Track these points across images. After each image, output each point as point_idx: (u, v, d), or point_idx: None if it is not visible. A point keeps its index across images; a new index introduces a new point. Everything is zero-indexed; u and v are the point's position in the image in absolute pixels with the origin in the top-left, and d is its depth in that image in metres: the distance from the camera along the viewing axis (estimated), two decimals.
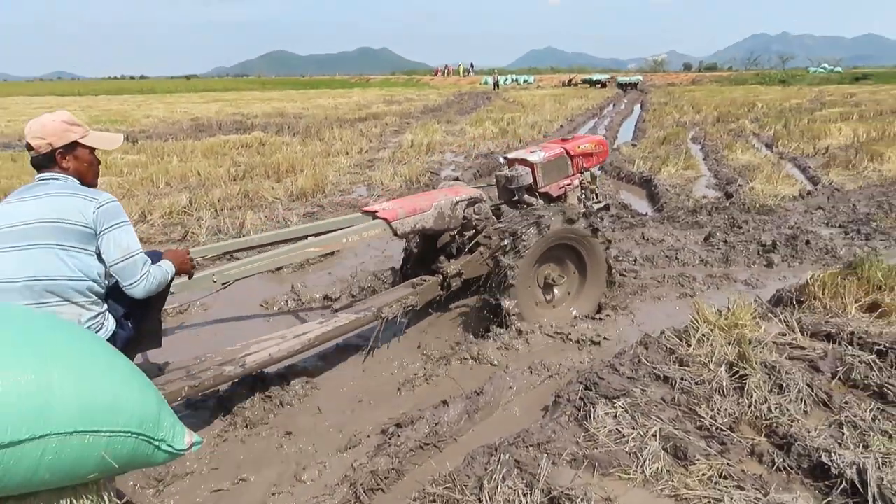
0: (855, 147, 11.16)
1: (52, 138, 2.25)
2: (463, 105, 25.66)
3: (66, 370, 1.56)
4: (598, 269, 4.06)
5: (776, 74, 51.68)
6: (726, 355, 3.24)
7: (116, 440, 1.63)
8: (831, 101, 23.24)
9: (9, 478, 1.42)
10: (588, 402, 2.90)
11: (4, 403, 1.38)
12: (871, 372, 3.17)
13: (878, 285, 4.07)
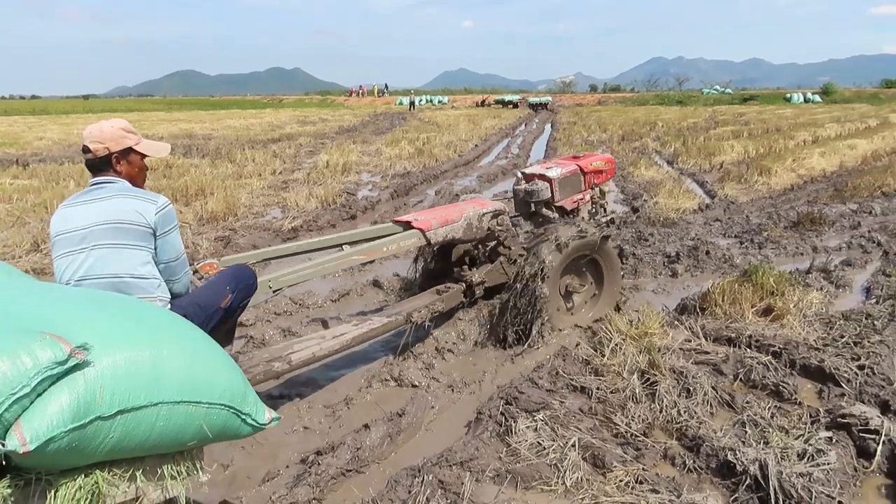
0: (746, 163, 12.03)
1: (110, 143, 2.44)
2: (378, 125, 25.68)
3: (172, 346, 1.75)
4: (615, 275, 4.29)
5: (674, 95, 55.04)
6: (638, 363, 3.38)
7: (213, 412, 1.79)
8: (724, 121, 24.97)
9: (128, 440, 1.60)
10: (509, 416, 2.93)
11: (126, 374, 1.57)
12: (768, 372, 3.39)
13: (770, 291, 4.38)
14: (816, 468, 2.50)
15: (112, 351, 1.58)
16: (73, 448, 1.49)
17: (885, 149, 14.75)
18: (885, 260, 5.75)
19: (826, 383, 3.32)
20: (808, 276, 5.05)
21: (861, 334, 3.86)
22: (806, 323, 4.11)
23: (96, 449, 1.55)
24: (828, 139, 16.39)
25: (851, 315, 4.23)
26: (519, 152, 15.74)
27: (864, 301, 4.71)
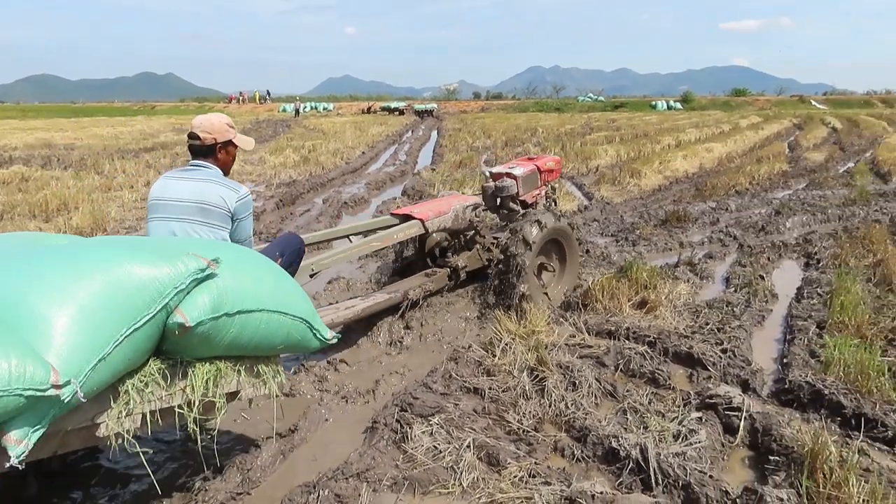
0: (619, 166, 12.83)
1: (217, 134, 2.89)
2: (261, 133, 24.83)
3: (265, 270, 2.33)
4: (576, 258, 5.01)
5: (552, 103, 57.59)
6: (527, 361, 3.49)
7: (296, 324, 2.33)
8: (598, 126, 26.46)
9: (240, 337, 2.11)
10: (405, 423, 2.93)
11: (240, 285, 2.09)
12: (645, 361, 3.62)
13: (644, 285, 4.69)
14: (689, 447, 2.70)
15: (230, 268, 2.11)
16: (207, 336, 2.01)
17: (737, 151, 16.30)
18: (741, 252, 6.33)
19: (695, 368, 3.60)
20: (677, 270, 5.46)
21: (723, 321, 4.22)
22: (676, 313, 4.44)
23: (220, 341, 2.07)
24: (689, 143, 17.82)
25: (714, 304, 4.62)
26: (407, 159, 15.82)
27: (724, 290, 5.16)
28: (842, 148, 17.84)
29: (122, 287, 1.81)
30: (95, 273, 1.80)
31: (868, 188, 9.88)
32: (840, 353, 3.47)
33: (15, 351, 1.52)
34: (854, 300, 4.39)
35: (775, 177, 11.87)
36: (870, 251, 6.00)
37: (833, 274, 5.22)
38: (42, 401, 1.56)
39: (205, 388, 2.10)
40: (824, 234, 6.95)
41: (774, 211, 8.25)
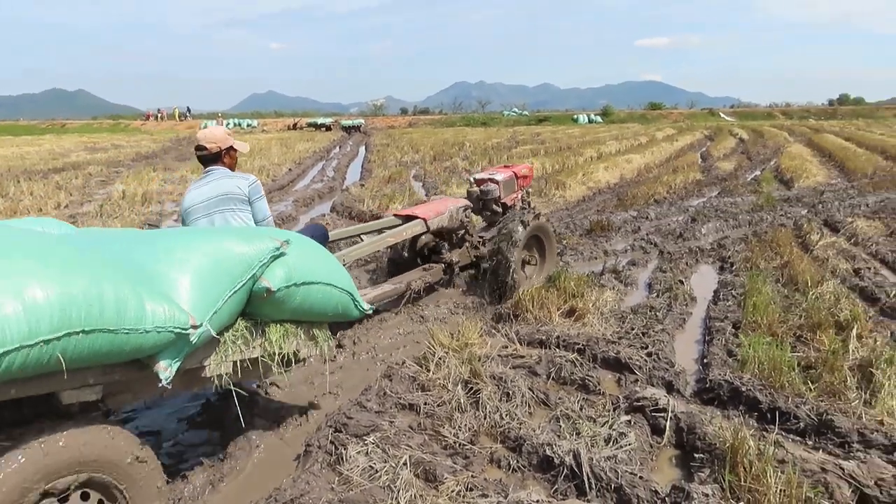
0: (545, 178, 13.14)
1: (220, 143, 3.51)
2: (182, 151, 24.02)
3: (319, 251, 2.83)
4: (553, 252, 5.73)
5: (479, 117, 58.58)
6: (461, 374, 3.51)
7: (342, 295, 2.80)
8: (523, 140, 27.10)
9: (302, 304, 2.59)
10: (339, 444, 2.87)
11: (302, 261, 2.56)
12: (575, 368, 3.71)
13: (572, 293, 4.81)
14: (620, 450, 2.77)
15: (295, 249, 2.58)
16: (281, 301, 2.50)
17: (654, 162, 17.06)
18: (661, 258, 6.61)
19: (623, 372, 3.72)
20: (602, 278, 5.64)
21: (647, 325, 4.39)
22: (603, 320, 4.57)
23: (289, 306, 2.56)
24: (610, 155, 18.50)
25: (638, 309, 4.79)
26: (335, 175, 15.66)
27: (647, 295, 5.36)
28: (749, 157, 18.98)
29: (224, 260, 2.34)
30: (204, 249, 2.33)
31: (774, 194, 10.54)
32: (754, 351, 3.67)
33: (165, 301, 2.05)
34: (765, 300, 4.66)
35: (690, 185, 12.49)
36: (777, 254, 6.39)
37: (745, 276, 5.52)
38: (182, 338, 2.09)
39: (277, 344, 2.62)
40: (736, 238, 7.36)
41: (690, 218, 8.67)
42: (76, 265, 1.88)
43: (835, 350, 3.70)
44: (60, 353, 1.75)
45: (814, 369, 3.62)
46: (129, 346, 1.93)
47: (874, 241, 6.95)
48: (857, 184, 12.13)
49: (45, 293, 1.71)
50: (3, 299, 1.63)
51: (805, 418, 3.04)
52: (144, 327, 1.94)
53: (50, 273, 1.77)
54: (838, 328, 4.17)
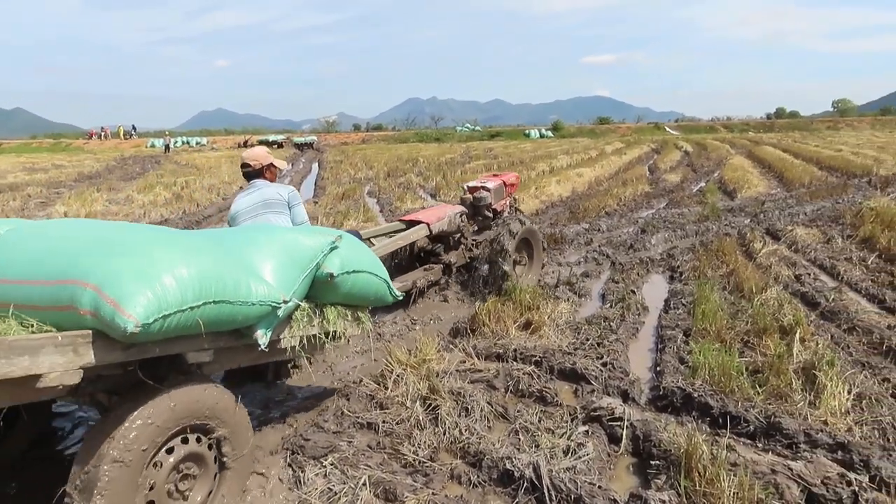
0: None
1: (263, 160, 4.02)
2: (128, 170, 23.34)
3: (363, 247, 3.33)
4: (541, 254, 6.25)
5: (432, 133, 58.89)
6: (420, 391, 3.48)
7: (380, 282, 3.22)
8: (476, 155, 27.36)
9: (350, 290, 3.02)
10: (297, 466, 2.81)
11: (350, 253, 3.00)
12: (533, 380, 3.73)
13: (528, 306, 4.86)
14: (579, 461, 2.80)
15: (345, 244, 3.00)
16: (337, 285, 2.93)
17: (605, 175, 17.46)
18: (613, 269, 6.74)
19: (579, 382, 3.76)
20: (557, 290, 5.72)
21: (602, 335, 4.46)
22: (559, 331, 4.63)
23: (342, 290, 2.99)
24: (561, 169, 18.85)
25: (593, 320, 4.87)
26: None
27: (601, 306, 5.46)
28: (694, 169, 19.63)
29: (296, 250, 2.79)
30: (280, 242, 2.79)
31: (718, 205, 10.91)
32: (705, 358, 3.77)
33: (263, 282, 2.52)
34: (713, 308, 4.80)
35: (639, 198, 12.82)
36: (723, 262, 6.60)
37: (694, 285, 5.68)
38: (274, 312, 2.56)
39: (333, 322, 3.04)
40: (684, 248, 7.57)
41: (640, 229, 8.89)
42: (205, 253, 2.38)
43: (780, 354, 3.83)
44: (199, 318, 2.21)
45: (761, 373, 3.73)
46: (240, 315, 2.40)
47: (813, 248, 7.26)
48: (796, 193, 12.68)
49: (189, 273, 2.19)
50: (165, 278, 2.11)
51: (754, 421, 3.13)
52: (251, 300, 2.42)
53: (190, 258, 2.25)
54: (782, 333, 4.33)
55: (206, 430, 2.43)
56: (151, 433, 2.18)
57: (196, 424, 2.36)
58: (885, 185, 12.77)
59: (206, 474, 2.46)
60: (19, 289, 2.14)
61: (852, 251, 7.04)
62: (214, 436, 2.45)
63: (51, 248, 2.26)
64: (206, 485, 2.46)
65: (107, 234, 2.38)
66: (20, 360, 1.88)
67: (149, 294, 2.04)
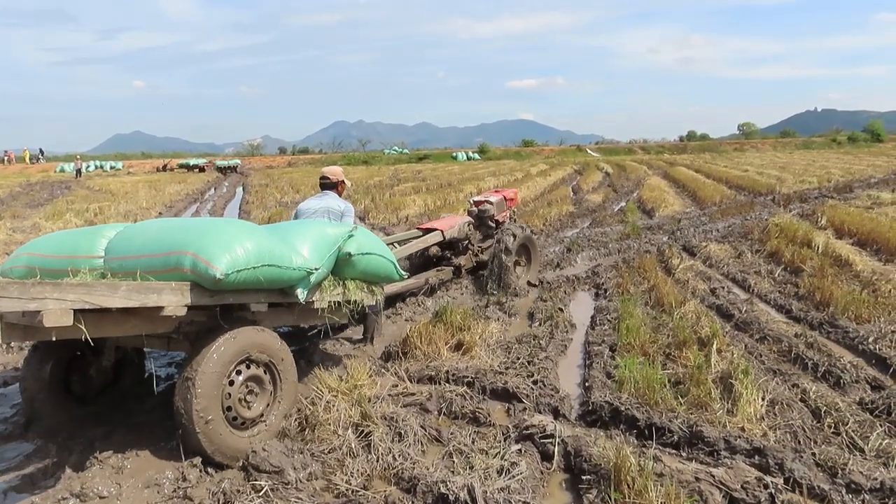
0: (427, 214, 13.35)
1: (339, 176, 5.17)
2: (34, 196, 21.98)
3: (373, 236, 4.22)
4: (537, 256, 7.33)
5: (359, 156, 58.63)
6: (351, 417, 3.42)
7: (389, 263, 4.10)
8: (405, 178, 27.45)
9: (367, 266, 3.93)
10: (225, 499, 2.69)
11: (363, 239, 3.94)
12: (465, 401, 3.74)
13: (459, 327, 4.88)
14: (513, 480, 2.81)
15: (360, 233, 3.94)
16: (355, 263, 3.82)
17: (530, 196, 17.87)
18: (542, 288, 6.88)
19: (511, 401, 3.80)
20: (487, 310, 5.77)
21: (531, 354, 4.53)
22: (490, 351, 4.67)
23: (358, 267, 3.88)
24: (487, 189, 19.12)
25: (523, 339, 4.94)
26: (210, 215, 14.97)
27: (530, 325, 5.55)
28: (615, 189, 20.42)
29: (324, 236, 3.68)
30: (313, 231, 3.69)
31: (638, 224, 11.38)
32: (630, 372, 3.89)
33: (300, 256, 3.43)
34: (636, 323, 4.97)
35: (564, 217, 13.20)
36: (644, 278, 6.87)
37: (618, 301, 5.87)
38: (308, 277, 3.46)
39: (353, 292, 3.89)
40: (608, 266, 7.83)
41: (566, 248, 9.13)
42: (262, 235, 3.30)
43: (699, 365, 4.00)
44: (260, 276, 3.16)
45: (682, 384, 3.89)
46: (285, 276, 3.32)
47: (725, 263, 7.67)
48: (708, 211, 13.40)
49: (251, 245, 3.14)
50: (237, 248, 3.06)
51: (678, 431, 3.25)
52: (292, 266, 3.34)
53: (252, 237, 3.20)
54: (701, 344, 4.53)
55: (262, 363, 3.33)
56: (225, 358, 3.11)
57: (253, 357, 3.27)
58: (788, 203, 13.71)
59: (264, 393, 3.39)
60: (141, 260, 3.09)
61: (761, 265, 7.49)
62: (266, 363, 3.35)
63: (158, 234, 3.27)
64: (265, 400, 3.39)
65: (195, 224, 3.53)
66: (153, 295, 2.86)
67: (228, 256, 3.01)
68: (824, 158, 35.29)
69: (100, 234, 3.48)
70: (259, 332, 3.35)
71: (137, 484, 3.02)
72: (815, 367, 4.24)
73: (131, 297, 2.78)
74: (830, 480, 2.81)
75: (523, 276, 6.91)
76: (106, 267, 3.25)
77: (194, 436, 3.01)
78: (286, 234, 3.57)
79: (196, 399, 2.98)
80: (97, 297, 2.66)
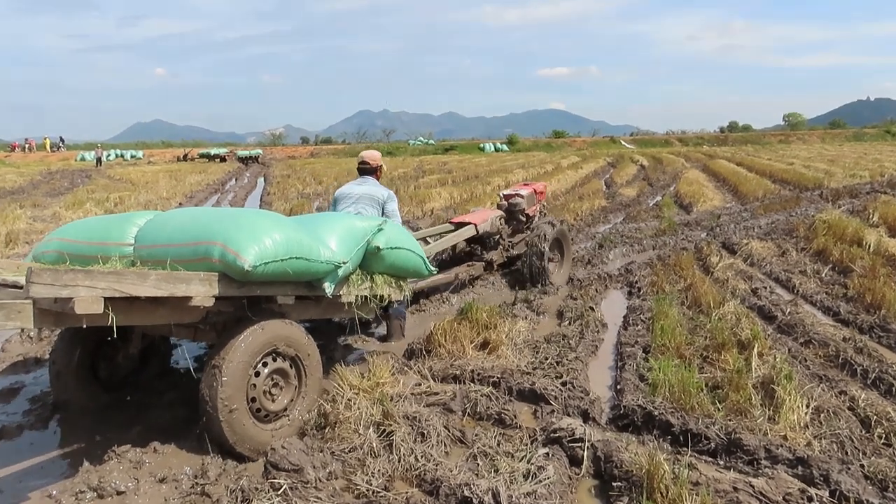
0: (453, 207, 13.36)
1: (379, 161, 5.44)
2: (55, 185, 22.53)
3: (404, 229, 4.38)
4: (570, 252, 7.35)
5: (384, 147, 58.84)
6: (373, 416, 3.43)
7: (418, 258, 4.19)
8: (430, 169, 27.48)
9: (393, 262, 4.00)
10: (242, 497, 2.72)
11: (393, 233, 4.00)
12: (491, 402, 3.73)
13: (484, 325, 4.87)
14: (539, 485, 2.80)
15: (389, 226, 4.00)
16: (383, 257, 3.90)
17: (561, 189, 17.75)
18: (572, 285, 6.83)
19: (539, 403, 3.78)
20: (514, 308, 5.75)
21: (560, 354, 4.50)
22: (517, 350, 4.65)
23: (386, 262, 3.96)
24: (515, 182, 18.99)
25: (551, 338, 4.91)
26: None
27: (559, 324, 5.51)
28: (650, 183, 20.17)
29: (353, 230, 3.75)
30: (342, 224, 3.76)
31: (674, 219, 11.23)
32: (664, 375, 3.84)
33: (328, 249, 3.50)
34: (672, 323, 4.90)
35: (596, 212, 13.08)
36: (681, 276, 6.78)
37: (652, 300, 5.80)
38: (336, 270, 3.56)
39: (380, 286, 4.00)
40: (642, 263, 7.74)
41: (598, 244, 9.05)
42: (290, 227, 3.36)
43: (738, 369, 3.93)
44: (287, 268, 3.22)
45: (720, 389, 3.82)
46: (312, 269, 3.39)
47: (768, 262, 7.52)
48: (750, 207, 13.16)
49: (280, 237, 3.20)
50: (266, 239, 3.12)
51: (715, 438, 3.20)
52: (320, 259, 3.40)
53: (280, 229, 3.26)
54: (740, 347, 4.45)
55: (288, 356, 3.44)
56: (253, 348, 3.22)
57: (280, 349, 3.37)
58: (836, 198, 13.39)
59: (288, 387, 3.49)
60: (170, 249, 3.17)
61: (806, 264, 7.33)
62: (293, 357, 3.46)
63: (188, 224, 3.33)
64: (289, 394, 3.49)
65: (224, 214, 3.63)
66: (181, 285, 2.95)
67: (256, 248, 3.07)
68: (877, 151, 34.41)
69: (131, 221, 3.57)
70: (287, 325, 3.45)
71: (155, 479, 3.08)
72: (865, 373, 4.13)
73: (160, 286, 2.86)
74: (880, 494, 2.74)
75: (556, 272, 6.95)
76: (135, 255, 3.34)
77: (218, 424, 3.10)
78: (314, 227, 3.64)
79: (222, 387, 3.07)
80: (127, 286, 2.73)
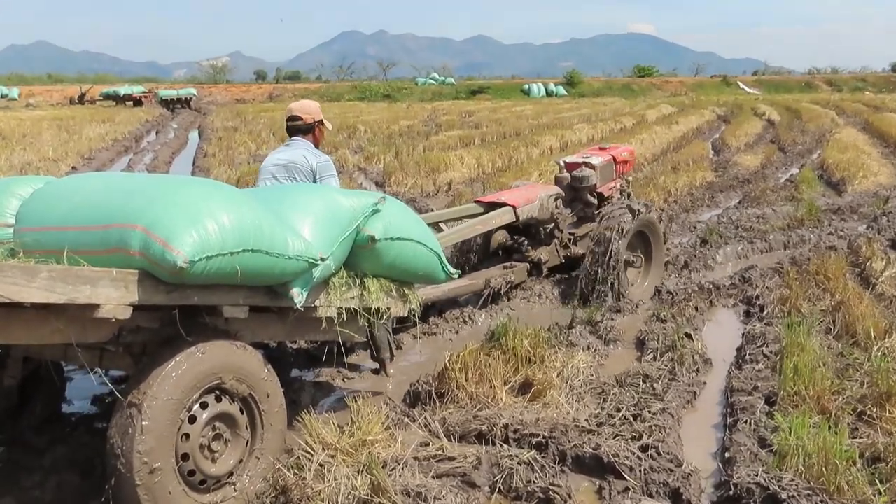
0: (481, 180, 13.38)
1: (315, 115, 5.42)
2: None
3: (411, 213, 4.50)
4: (661, 251, 7.17)
5: (379, 87, 59.08)
6: (356, 490, 3.44)
7: (431, 255, 4.29)
8: (448, 122, 27.56)
9: (395, 260, 4.08)
10: None
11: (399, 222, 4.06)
12: (533, 473, 3.73)
13: (526, 358, 4.88)
14: None
15: (390, 207, 4.04)
16: (379, 252, 3.95)
17: (646, 156, 17.66)
18: (658, 300, 6.82)
19: (605, 477, 3.78)
20: (571, 332, 5.75)
21: (640, 404, 4.50)
22: (574, 397, 4.65)
23: (385, 260, 4.03)
24: (578, 145, 19.05)
25: (627, 379, 4.91)
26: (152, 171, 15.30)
27: (638, 357, 5.51)
28: (781, 148, 20.04)
29: (335, 210, 3.79)
30: (319, 201, 3.83)
31: (818, 203, 11.15)
32: (797, 439, 3.82)
33: (300, 238, 3.48)
34: (811, 361, 4.87)
35: (698, 191, 13.03)
36: (826, 290, 6.73)
37: (782, 326, 5.76)
38: (309, 269, 3.53)
39: (375, 295, 4.03)
40: (767, 269, 7.70)
41: (700, 240, 9.02)
42: (244, 204, 3.32)
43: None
44: (239, 265, 3.16)
45: (884, 462, 3.80)
46: (277, 268, 3.37)
47: None
48: None
49: (230, 220, 3.14)
50: (209, 223, 3.05)
51: None
52: (288, 254, 3.37)
53: (230, 207, 3.20)
54: None
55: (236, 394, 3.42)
56: (186, 381, 3.18)
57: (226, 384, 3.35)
58: None
59: (237, 440, 3.49)
60: (69, 234, 3.13)
61: None
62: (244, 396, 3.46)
63: (93, 198, 3.29)
64: (237, 451, 3.49)
65: (148, 183, 3.64)
66: (84, 288, 2.86)
67: (194, 234, 2.99)
68: None
69: (9, 191, 3.57)
70: (237, 349, 3.43)
71: None
72: None
73: (54, 288, 2.77)
74: None
75: (636, 281, 6.83)
76: (17, 240, 3.30)
77: (132, 490, 3.01)
78: (279, 205, 3.63)
79: (141, 435, 3.00)
80: (5, 287, 2.66)
